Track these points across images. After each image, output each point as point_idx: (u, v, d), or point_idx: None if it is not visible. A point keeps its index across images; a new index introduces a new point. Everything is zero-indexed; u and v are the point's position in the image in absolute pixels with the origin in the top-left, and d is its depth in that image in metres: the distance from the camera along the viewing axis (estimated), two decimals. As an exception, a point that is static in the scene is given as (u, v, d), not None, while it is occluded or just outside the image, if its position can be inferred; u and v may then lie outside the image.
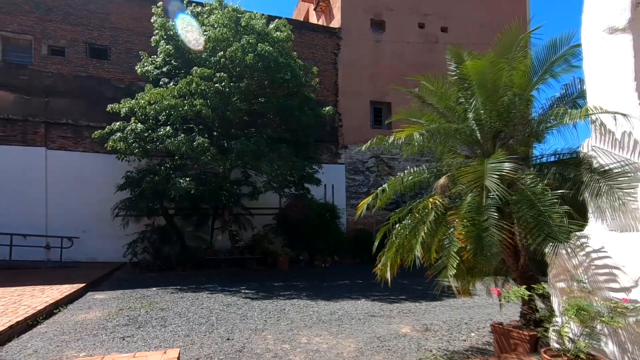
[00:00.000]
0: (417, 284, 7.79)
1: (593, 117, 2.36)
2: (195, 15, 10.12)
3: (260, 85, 9.48)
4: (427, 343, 4.15)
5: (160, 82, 9.94)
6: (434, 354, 3.71)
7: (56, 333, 4.51)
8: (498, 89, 3.14)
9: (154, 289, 7.45)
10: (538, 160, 3.38)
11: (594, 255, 2.29)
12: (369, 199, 3.75)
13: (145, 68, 10.12)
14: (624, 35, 2.18)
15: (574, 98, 2.98)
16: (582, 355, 2.07)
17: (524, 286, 2.55)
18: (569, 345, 2.15)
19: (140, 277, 8.94)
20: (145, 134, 9.01)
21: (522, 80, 3.11)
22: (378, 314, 5.58)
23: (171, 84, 9.85)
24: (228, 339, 4.25)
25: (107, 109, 9.12)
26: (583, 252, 2.35)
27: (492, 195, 2.67)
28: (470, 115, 3.35)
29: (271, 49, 8.93)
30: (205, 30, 9.50)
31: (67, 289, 6.60)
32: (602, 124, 2.33)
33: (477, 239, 2.56)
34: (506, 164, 2.63)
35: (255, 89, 9.34)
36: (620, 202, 2.15)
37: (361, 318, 5.30)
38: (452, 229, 2.88)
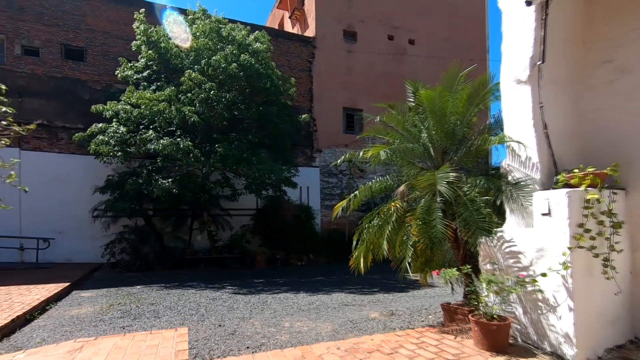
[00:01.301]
0: (387, 279, 8.64)
1: (508, 143, 3.21)
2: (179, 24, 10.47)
3: (241, 93, 9.99)
4: (392, 324, 4.92)
5: (141, 87, 10.20)
6: (395, 331, 4.49)
7: (56, 325, 4.87)
8: (445, 115, 3.96)
9: (138, 287, 7.79)
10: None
11: (506, 244, 3.13)
12: (343, 203, 4.47)
13: (126, 73, 10.33)
14: (526, 86, 3.03)
15: (502, 125, 3.85)
16: (495, 316, 2.90)
17: (455, 268, 3.36)
18: (488, 309, 2.98)
19: (121, 276, 9.18)
20: (127, 137, 9.29)
21: (462, 108, 3.95)
22: (351, 303, 6.33)
23: (152, 87, 10.15)
24: (220, 325, 4.82)
25: (92, 110, 9.32)
26: (500, 242, 3.19)
27: (440, 200, 3.48)
28: (424, 135, 4.16)
29: (252, 59, 9.50)
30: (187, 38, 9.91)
31: (53, 288, 6.84)
32: (513, 149, 3.19)
33: (427, 233, 3.34)
34: (451, 174, 3.43)
35: (236, 97, 9.84)
36: (524, 206, 2.99)
37: (336, 307, 6.02)
38: (409, 227, 3.66)
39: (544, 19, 2.93)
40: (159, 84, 10.27)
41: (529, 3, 2.96)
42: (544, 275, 2.76)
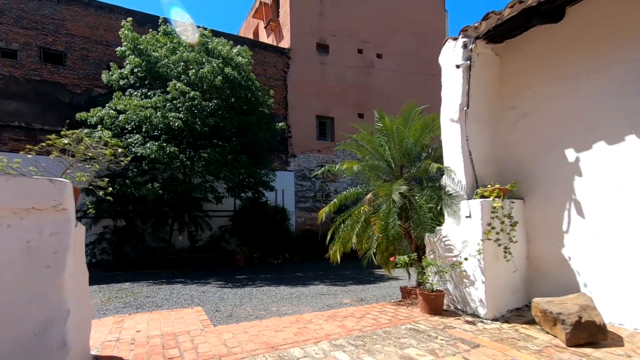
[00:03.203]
0: (358, 274, 9.81)
1: (444, 167, 4.39)
2: (167, 34, 11.03)
3: (224, 102, 10.77)
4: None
5: (127, 93, 10.66)
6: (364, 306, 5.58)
7: (68, 316, 5.49)
8: (403, 139, 5.10)
9: (127, 283, 8.37)
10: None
11: (444, 239, 4.29)
12: (326, 208, 5.50)
13: (113, 77, 10.73)
14: (457, 124, 4.21)
15: (444, 148, 5.04)
16: (434, 289, 4.05)
17: (406, 255, 4.48)
18: (429, 285, 4.12)
19: (105, 275, 9.62)
20: (111, 142, 9.76)
21: (417, 135, 5.12)
22: (327, 293, 7.37)
23: (137, 93, 10.65)
24: (217, 311, 5.66)
25: (77, 118, 9.69)
26: (439, 237, 4.35)
27: (397, 205, 4.59)
28: (387, 153, 5.28)
29: (235, 72, 10.32)
30: (174, 49, 10.54)
31: (48, 286, 7.29)
32: (448, 171, 4.37)
33: (386, 231, 4.44)
34: (403, 187, 4.56)
35: (219, 106, 10.60)
36: (455, 211, 4.16)
37: (314, 295, 7.04)
38: (373, 226, 4.75)
39: (468, 77, 4.13)
40: (144, 90, 10.78)
41: (458, 66, 4.14)
42: (466, 259, 3.93)
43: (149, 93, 10.61)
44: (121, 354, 2.76)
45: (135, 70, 10.78)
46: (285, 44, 17.14)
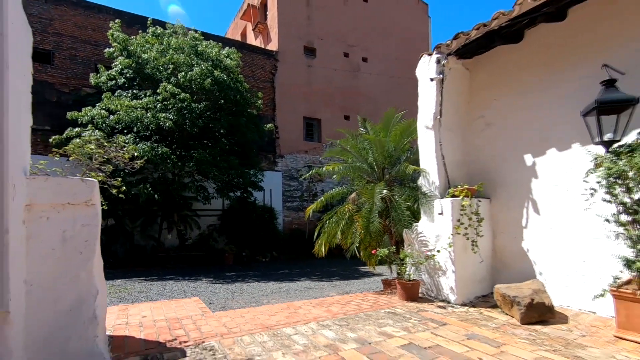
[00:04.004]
0: (343, 271, 10.27)
1: (420, 169, 4.88)
2: (157, 36, 11.23)
3: (214, 104, 11.05)
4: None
5: (116, 93, 10.82)
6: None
7: (66, 309, 5.74)
8: (384, 144, 5.57)
9: (119, 280, 8.58)
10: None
11: (419, 235, 4.78)
12: (314, 206, 5.92)
13: (101, 79, 10.87)
14: (431, 131, 4.71)
15: (421, 152, 5.53)
16: (411, 279, 4.53)
17: (386, 248, 4.95)
18: (406, 276, 4.60)
19: (96, 273, 9.78)
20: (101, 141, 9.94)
21: (397, 139, 5.60)
22: (314, 287, 7.80)
23: (126, 93, 10.81)
24: (210, 303, 6.02)
25: (67, 117, 9.82)
26: (416, 233, 4.84)
27: (378, 204, 5.05)
28: (370, 156, 5.75)
29: (224, 74, 10.63)
30: (164, 50, 10.75)
31: (41, 283, 7.46)
32: (424, 173, 4.86)
33: (368, 228, 4.90)
34: (384, 191, 5.02)
35: (209, 107, 10.88)
36: (429, 209, 4.64)
37: (302, 290, 7.46)
38: (357, 223, 5.20)
39: (441, 89, 4.63)
40: (134, 91, 10.96)
41: (432, 79, 4.63)
42: (438, 252, 4.42)
43: (138, 94, 10.80)
44: (132, 334, 3.11)
45: (125, 71, 10.95)
46: (273, 46, 17.47)
